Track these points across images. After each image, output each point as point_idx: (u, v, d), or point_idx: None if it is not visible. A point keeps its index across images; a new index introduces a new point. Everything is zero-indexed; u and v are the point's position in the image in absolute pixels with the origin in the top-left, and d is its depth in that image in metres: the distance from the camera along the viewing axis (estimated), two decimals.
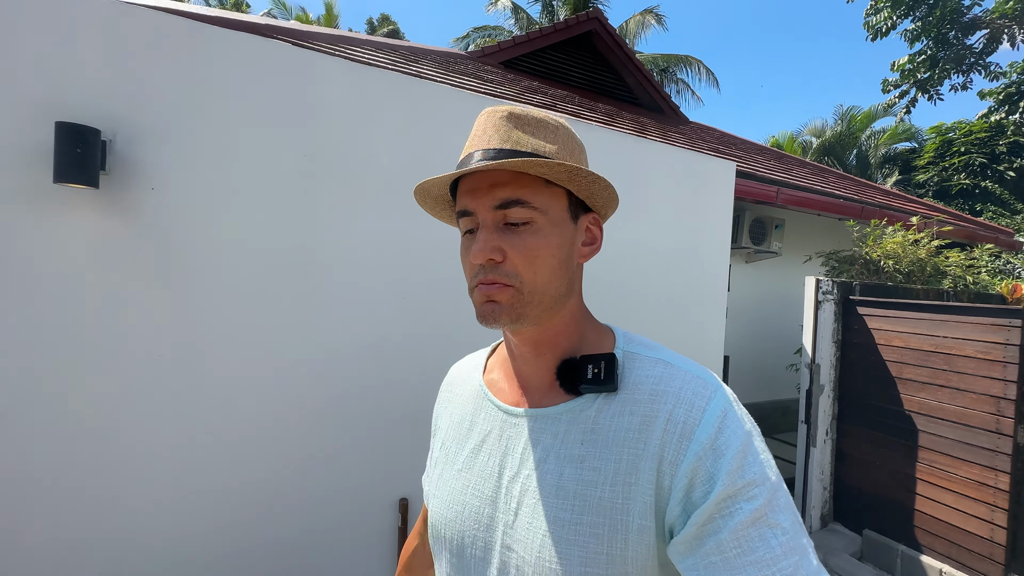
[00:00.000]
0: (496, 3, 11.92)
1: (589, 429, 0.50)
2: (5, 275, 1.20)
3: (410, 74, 2.95)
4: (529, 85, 5.11)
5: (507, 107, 0.52)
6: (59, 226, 1.23)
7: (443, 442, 0.63)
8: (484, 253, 0.48)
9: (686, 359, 0.54)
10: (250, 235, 1.47)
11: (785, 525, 0.42)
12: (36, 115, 1.20)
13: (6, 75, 1.19)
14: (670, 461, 0.46)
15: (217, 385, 1.43)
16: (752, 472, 0.44)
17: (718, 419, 0.46)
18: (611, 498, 0.47)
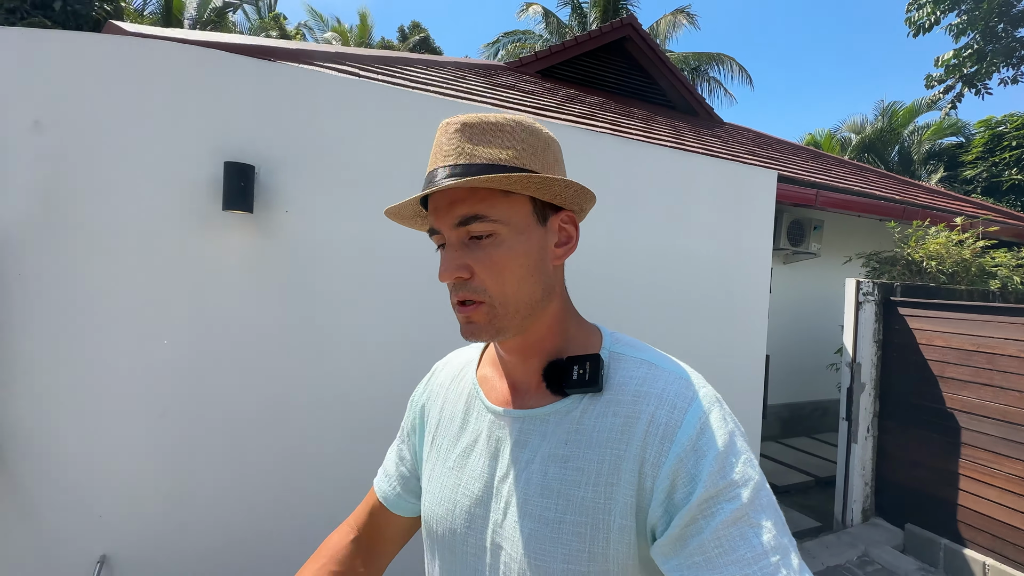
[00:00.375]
0: (527, 9, 12.13)
1: (574, 429, 0.51)
2: (185, 279, 1.50)
3: (474, 100, 3.20)
4: (567, 94, 5.30)
5: (461, 118, 0.51)
6: (224, 242, 1.53)
7: (434, 437, 0.63)
8: (449, 272, 0.50)
9: (672, 360, 0.54)
10: (367, 246, 1.74)
11: (767, 524, 0.42)
12: (205, 156, 1.50)
13: (184, 124, 1.49)
14: (652, 462, 0.46)
15: (342, 376, 1.71)
16: (734, 472, 0.44)
17: (699, 420, 0.47)
18: (593, 498, 0.48)
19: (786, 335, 4.63)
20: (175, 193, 1.50)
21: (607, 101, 5.73)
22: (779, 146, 6.69)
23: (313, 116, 1.67)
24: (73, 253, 1.43)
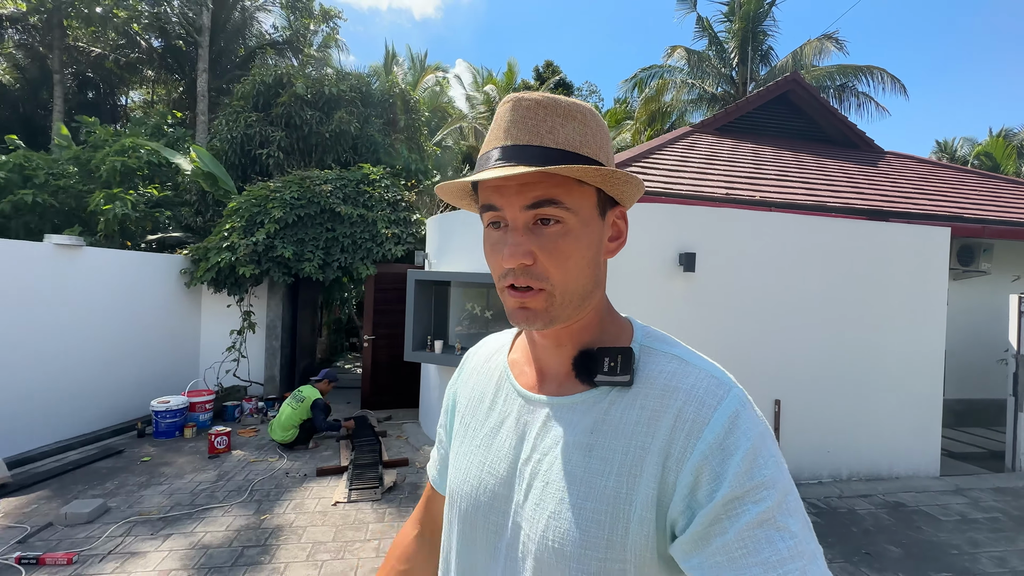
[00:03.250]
0: (672, 53, 13.65)
1: (601, 420, 0.51)
2: (662, 302, 3.52)
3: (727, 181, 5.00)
4: (755, 147, 6.83)
5: (534, 96, 0.51)
6: (679, 284, 3.54)
7: (463, 417, 0.65)
8: (516, 257, 0.49)
9: (702, 357, 0.54)
10: (741, 288, 3.63)
11: (794, 529, 0.42)
12: (673, 248, 3.51)
13: (664, 236, 3.52)
14: (676, 458, 0.46)
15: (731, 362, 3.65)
16: (762, 474, 0.43)
17: (729, 419, 0.46)
18: (615, 487, 0.48)
19: (960, 340, 5.62)
20: (659, 264, 3.52)
21: (778, 151, 7.11)
22: (944, 174, 7.39)
23: (717, 229, 3.61)
24: (616, 290, 3.52)
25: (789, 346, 3.79)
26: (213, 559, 2.59)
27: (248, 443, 4.43)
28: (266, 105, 7.17)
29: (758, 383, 3.73)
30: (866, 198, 5.37)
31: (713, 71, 14.77)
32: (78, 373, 4.34)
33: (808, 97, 7.91)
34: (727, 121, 7.77)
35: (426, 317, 4.35)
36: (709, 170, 5.52)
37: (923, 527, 3.18)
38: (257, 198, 5.39)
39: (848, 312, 3.90)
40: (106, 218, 6.77)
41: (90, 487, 3.42)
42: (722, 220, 3.74)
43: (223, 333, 5.73)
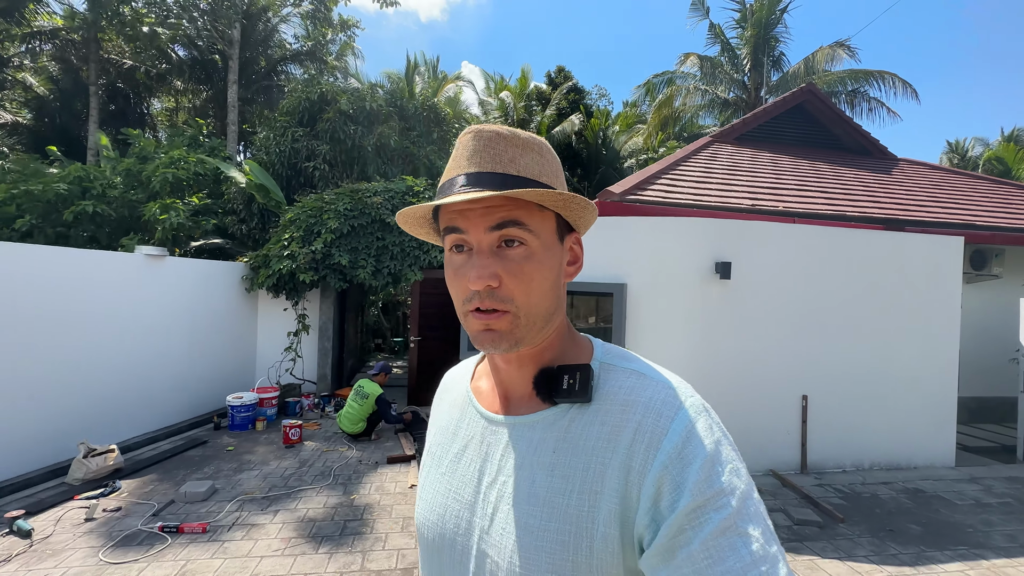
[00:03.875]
0: (685, 60, 13.99)
1: (562, 438, 0.52)
2: (698, 306, 3.90)
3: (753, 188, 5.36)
4: (773, 157, 7.17)
5: (493, 127, 0.53)
6: (715, 289, 3.91)
7: (431, 446, 0.65)
8: (483, 279, 0.49)
9: (661, 370, 0.54)
10: (769, 293, 4.00)
11: (755, 534, 0.42)
12: (709, 257, 3.89)
13: (701, 248, 3.90)
14: (638, 471, 0.46)
15: (758, 349, 3.99)
16: (720, 481, 0.44)
17: (686, 428, 0.47)
18: (578, 505, 0.48)
19: (973, 341, 5.92)
20: (697, 272, 3.90)
21: (795, 160, 7.44)
22: (955, 180, 7.69)
23: (748, 240, 3.98)
24: (658, 295, 3.90)
25: (815, 346, 4.14)
26: (322, 530, 3.00)
27: (315, 435, 4.86)
28: (311, 120, 7.62)
29: (787, 379, 4.10)
30: (882, 207, 5.70)
31: (725, 77, 15.10)
32: (163, 370, 4.79)
33: (823, 107, 8.24)
34: (745, 131, 8.11)
35: None
36: (733, 181, 5.88)
37: (940, 509, 3.53)
38: (312, 209, 5.82)
39: (869, 315, 4.25)
40: (163, 227, 7.25)
41: (192, 472, 3.86)
42: (752, 232, 4.11)
43: (277, 334, 6.17)
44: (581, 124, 19.17)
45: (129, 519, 3.04)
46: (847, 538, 3.08)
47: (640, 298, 3.99)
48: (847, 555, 2.87)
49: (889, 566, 2.76)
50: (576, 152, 20.01)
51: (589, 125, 19.74)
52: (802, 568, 2.73)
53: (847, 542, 3.03)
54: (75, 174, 8.07)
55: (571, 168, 20.08)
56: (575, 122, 18.93)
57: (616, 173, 20.41)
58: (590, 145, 20.06)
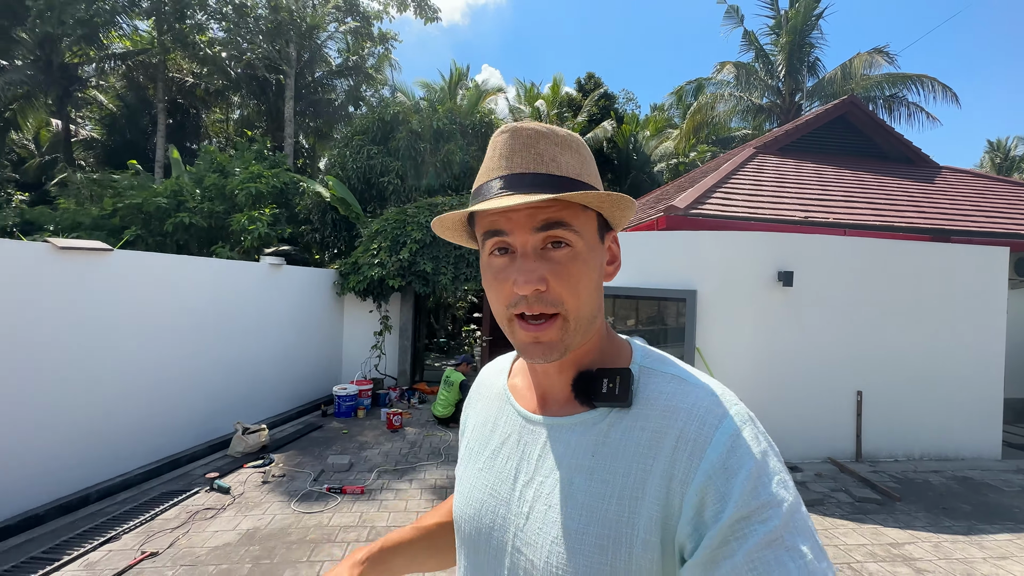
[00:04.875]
0: (722, 69, 14.32)
1: (601, 442, 0.51)
2: (763, 311, 4.40)
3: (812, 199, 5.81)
4: (817, 168, 7.55)
5: (532, 125, 0.52)
6: (778, 295, 4.40)
7: (468, 441, 0.66)
8: (531, 283, 0.48)
9: (702, 375, 0.54)
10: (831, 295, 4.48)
11: (804, 548, 0.41)
12: (772, 266, 4.39)
13: (763, 258, 4.40)
14: (680, 479, 0.46)
15: (817, 346, 4.46)
16: (767, 493, 0.43)
17: (730, 437, 0.46)
18: (617, 511, 0.48)
19: (1020, 344, 6.21)
20: (760, 279, 4.40)
21: (839, 170, 7.79)
22: (999, 188, 7.90)
23: (805, 251, 4.46)
24: (724, 301, 4.41)
25: (869, 347, 4.58)
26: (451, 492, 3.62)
27: (409, 422, 5.52)
28: (383, 138, 8.34)
29: (843, 377, 4.55)
30: (927, 217, 6.05)
31: (760, 83, 15.35)
32: (279, 363, 5.52)
33: (865, 117, 8.55)
34: (788, 141, 8.48)
35: None
36: (783, 193, 6.31)
37: (988, 494, 3.94)
38: (396, 221, 6.50)
39: (918, 318, 4.66)
40: (251, 236, 8.08)
41: (324, 449, 4.54)
42: (810, 244, 4.58)
43: (359, 334, 6.89)
44: (613, 130, 19.62)
45: (295, 483, 3.73)
46: (905, 513, 3.53)
47: (709, 303, 4.50)
48: (906, 525, 3.34)
49: (944, 534, 3.22)
50: (607, 157, 20.46)
51: (620, 131, 20.16)
52: (868, 534, 3.21)
53: (905, 516, 3.49)
54: (171, 188, 8.98)
55: (602, 174, 20.57)
56: (607, 128, 19.37)
57: (647, 178, 20.76)
58: (621, 150, 20.47)
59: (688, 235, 4.70)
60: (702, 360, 4.47)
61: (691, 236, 4.69)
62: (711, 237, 4.64)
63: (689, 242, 4.66)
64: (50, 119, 16.31)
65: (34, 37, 13.43)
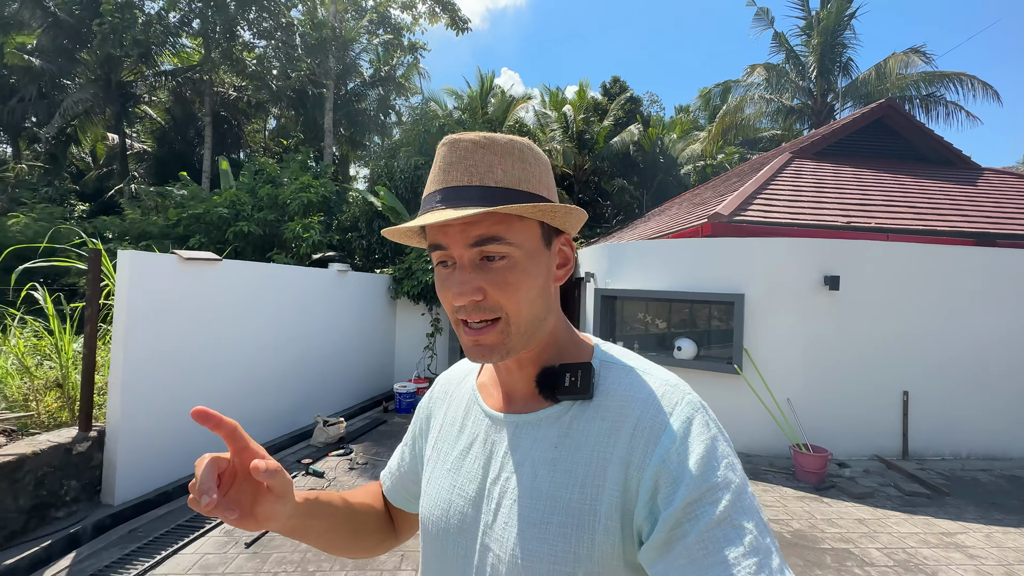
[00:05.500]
0: (753, 72, 14.36)
1: (564, 434, 0.54)
2: (807, 314, 4.61)
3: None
4: (855, 172, 7.64)
5: (470, 136, 0.53)
6: (825, 299, 4.60)
7: (435, 441, 0.67)
8: (465, 295, 0.51)
9: (659, 368, 0.57)
10: (874, 298, 4.66)
11: (749, 526, 0.44)
12: (818, 272, 4.60)
13: (809, 265, 4.60)
14: (637, 465, 0.49)
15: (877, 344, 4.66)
16: (716, 475, 0.46)
17: (683, 425, 0.49)
18: (580, 499, 0.50)
19: None
20: (809, 285, 4.61)
21: (878, 174, 7.85)
22: None
23: (849, 256, 4.65)
24: (771, 305, 4.63)
25: (915, 348, 4.73)
26: None
27: None
28: (429, 150, 8.77)
29: (889, 377, 4.71)
30: (971, 220, 6.11)
31: (791, 85, 15.31)
32: (344, 361, 5.95)
33: (903, 120, 8.57)
34: (824, 146, 8.56)
35: (608, 322, 5.62)
36: (822, 198, 6.46)
37: None
38: None
39: (963, 320, 4.78)
40: (306, 243, 8.60)
41: (394, 441, 4.93)
42: (854, 249, 4.76)
43: (410, 335, 7.30)
44: (640, 134, 19.74)
45: (377, 469, 4.11)
46: (954, 507, 3.70)
47: (756, 306, 4.72)
48: (956, 517, 3.52)
49: (996, 526, 3.39)
50: (633, 161, 20.58)
51: (646, 134, 20.26)
52: (919, 524, 3.40)
53: (955, 509, 3.66)
54: (230, 199, 9.61)
55: (628, 176, 20.68)
56: (634, 132, 19.51)
57: (674, 180, 20.81)
58: (647, 153, 20.57)
59: (735, 242, 4.93)
60: (750, 360, 4.70)
61: (738, 243, 4.92)
62: (758, 244, 4.86)
63: (736, 248, 4.89)
64: (107, 133, 17.38)
65: (95, 58, 14.39)
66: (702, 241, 5.15)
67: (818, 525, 3.35)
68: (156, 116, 18.97)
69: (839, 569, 2.80)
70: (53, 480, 2.99)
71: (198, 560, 2.73)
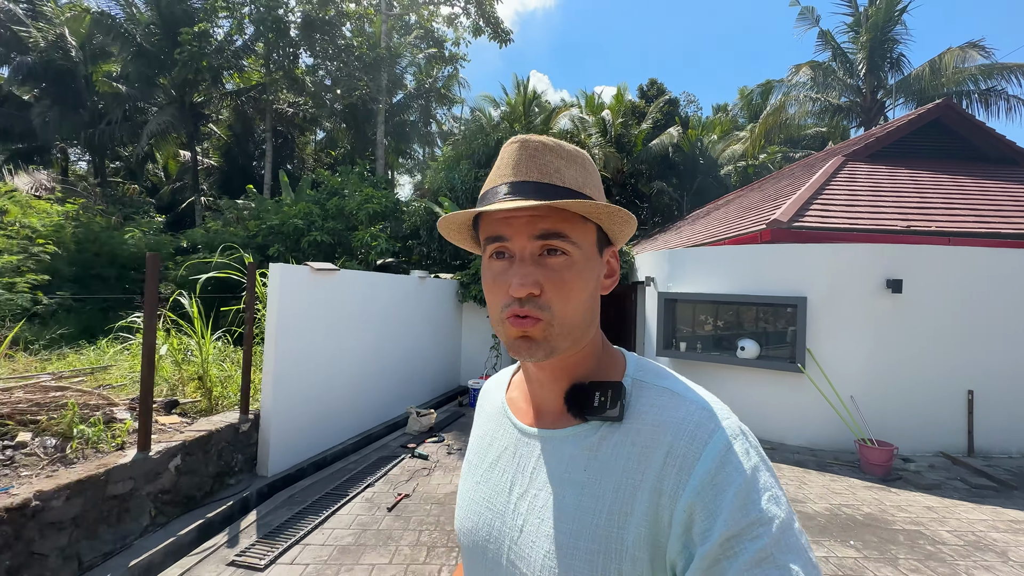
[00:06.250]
0: (798, 71, 14.29)
1: (592, 456, 0.52)
2: (872, 320, 4.86)
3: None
4: (912, 174, 7.68)
5: (538, 138, 0.55)
6: (890, 302, 4.84)
7: (468, 457, 0.68)
8: (525, 287, 0.50)
9: (696, 389, 0.54)
10: (933, 298, 4.87)
11: (794, 567, 0.41)
12: (881, 276, 4.83)
13: (871, 269, 4.85)
14: (669, 495, 0.46)
15: None
16: (758, 510, 0.44)
17: (720, 453, 0.47)
18: (607, 526, 0.49)
19: None
20: (871, 288, 4.85)
21: (935, 176, 7.84)
22: None
23: (911, 260, 4.87)
24: (833, 309, 4.89)
25: (979, 349, 4.88)
26: None
27: None
28: (487, 161, 9.34)
29: (953, 377, 4.88)
30: None
31: (838, 83, 15.11)
32: (422, 359, 6.55)
33: (962, 120, 8.51)
34: (878, 148, 8.59)
35: (670, 323, 5.99)
36: (880, 202, 6.59)
37: None
38: None
39: None
40: (374, 250, 9.32)
41: None
42: (916, 254, 4.96)
43: (475, 336, 7.86)
44: (679, 136, 19.79)
45: None
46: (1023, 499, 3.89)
47: (818, 309, 4.99)
48: None
49: None
50: (672, 163, 20.62)
51: (685, 136, 20.28)
52: (988, 512, 3.63)
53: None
54: (303, 211, 10.48)
55: (667, 178, 20.73)
56: (674, 135, 19.58)
57: (714, 182, 20.72)
58: (686, 155, 20.57)
59: (797, 247, 5.22)
60: (813, 359, 4.97)
61: (800, 248, 5.20)
62: (819, 249, 5.13)
63: (798, 253, 5.18)
64: (179, 151, 18.91)
65: (171, 82, 15.76)
66: (764, 247, 5.45)
67: (888, 510, 3.64)
68: (221, 133, 20.43)
69: (911, 546, 3.10)
70: (228, 453, 3.65)
71: (353, 520, 3.31)
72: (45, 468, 2.62)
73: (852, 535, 3.23)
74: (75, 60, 14.84)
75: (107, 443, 2.97)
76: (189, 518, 3.13)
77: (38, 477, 2.53)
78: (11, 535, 2.24)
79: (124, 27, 14.49)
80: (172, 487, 3.12)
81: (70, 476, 2.55)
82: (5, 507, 2.21)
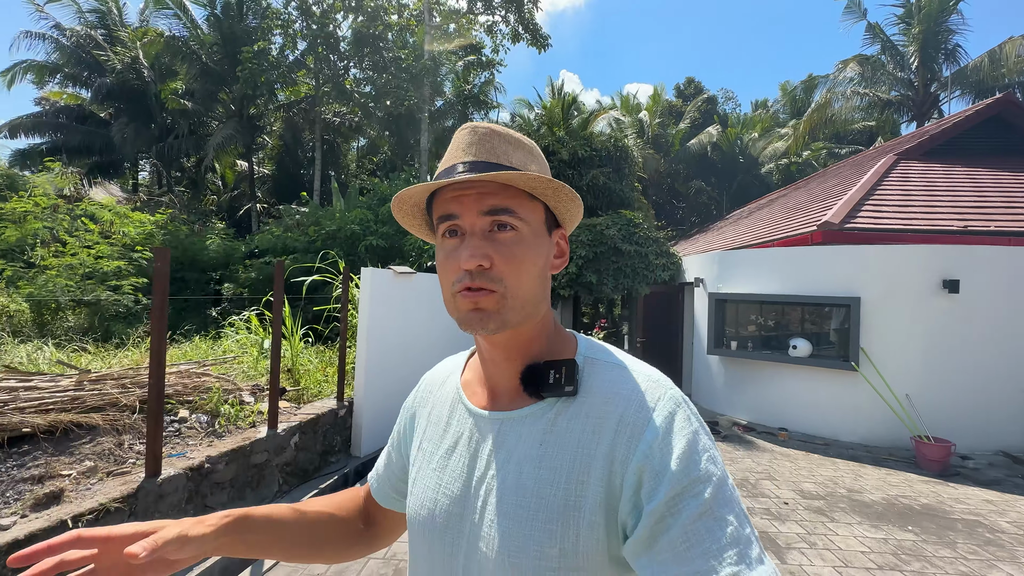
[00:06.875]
0: (845, 67, 14.00)
1: (548, 430, 0.55)
2: (929, 315, 4.95)
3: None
4: (969, 171, 7.54)
5: (487, 124, 0.58)
6: (941, 303, 4.92)
7: (420, 442, 0.67)
8: (475, 259, 0.52)
9: (642, 364, 0.58)
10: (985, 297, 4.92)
11: (730, 517, 0.46)
12: (937, 277, 4.93)
13: (928, 270, 4.95)
14: (620, 460, 0.50)
15: None
16: (698, 469, 0.48)
17: (665, 419, 0.51)
18: (564, 496, 0.51)
19: None
20: (928, 288, 4.95)
21: (995, 174, 7.66)
22: None
23: (967, 261, 4.93)
24: (889, 308, 5.00)
25: None
26: None
27: None
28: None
29: (1008, 373, 4.90)
30: None
31: (888, 77, 14.68)
32: None
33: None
34: (932, 145, 8.43)
35: (720, 322, 6.20)
36: (935, 201, 6.57)
37: None
38: None
39: None
40: (427, 254, 9.86)
41: None
42: (973, 254, 5.00)
43: None
44: (719, 134, 19.58)
45: None
46: None
47: (872, 309, 5.11)
48: None
49: None
50: (711, 161, 20.41)
51: (724, 134, 20.03)
52: None
53: None
54: (359, 217, 11.17)
55: (705, 178, 20.54)
56: (712, 133, 19.44)
57: (755, 180, 20.38)
58: (725, 153, 20.32)
59: (850, 249, 5.35)
60: (867, 358, 5.09)
61: (853, 250, 5.33)
62: (874, 250, 5.25)
63: (851, 255, 5.30)
64: (236, 160, 20.21)
65: (231, 97, 16.92)
66: (816, 249, 5.59)
67: (946, 502, 3.78)
68: (272, 143, 21.68)
69: (970, 533, 3.27)
70: (330, 434, 4.17)
71: None
72: (203, 439, 3.17)
73: (910, 522, 3.41)
74: (146, 80, 16.19)
75: (243, 421, 3.51)
76: (306, 488, 3.65)
77: (201, 446, 3.07)
78: (193, 490, 2.77)
79: (191, 47, 15.69)
80: (292, 460, 3.64)
81: (225, 446, 3.09)
82: (188, 467, 2.75)
